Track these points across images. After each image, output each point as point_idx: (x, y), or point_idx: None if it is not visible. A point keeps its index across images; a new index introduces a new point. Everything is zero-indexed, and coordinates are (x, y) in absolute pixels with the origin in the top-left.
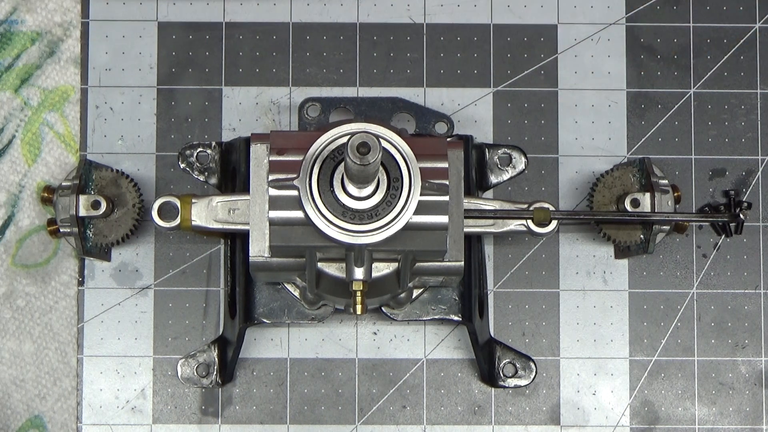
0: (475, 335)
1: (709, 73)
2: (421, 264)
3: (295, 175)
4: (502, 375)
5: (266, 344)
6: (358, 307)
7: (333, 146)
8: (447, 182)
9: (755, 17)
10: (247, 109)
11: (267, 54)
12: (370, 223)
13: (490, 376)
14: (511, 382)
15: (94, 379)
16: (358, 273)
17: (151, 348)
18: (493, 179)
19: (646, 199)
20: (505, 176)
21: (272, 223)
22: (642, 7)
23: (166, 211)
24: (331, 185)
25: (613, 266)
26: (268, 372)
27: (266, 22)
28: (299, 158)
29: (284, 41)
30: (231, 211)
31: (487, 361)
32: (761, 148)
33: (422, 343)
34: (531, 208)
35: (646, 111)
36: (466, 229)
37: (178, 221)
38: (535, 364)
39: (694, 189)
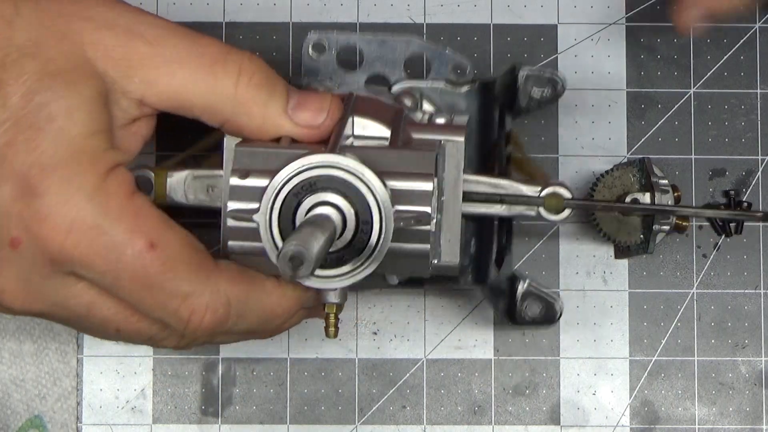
0: (489, 287)
1: (709, 73)
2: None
3: (256, 206)
4: (523, 314)
5: (266, 344)
6: (331, 330)
7: (298, 179)
8: (428, 210)
9: (756, 17)
10: None
11: (267, 54)
12: (336, 267)
13: (509, 313)
14: (533, 318)
15: (94, 379)
16: (332, 296)
17: (151, 348)
18: (524, 104)
19: (646, 199)
20: (540, 97)
21: (232, 251)
22: (642, 7)
23: (140, 185)
24: (294, 224)
25: (613, 266)
26: (268, 372)
27: (266, 22)
28: (264, 183)
29: (284, 41)
30: (210, 189)
31: (508, 296)
32: (761, 148)
33: (422, 343)
34: (543, 194)
35: (646, 111)
36: (469, 209)
37: (152, 197)
38: (560, 306)
39: (694, 189)
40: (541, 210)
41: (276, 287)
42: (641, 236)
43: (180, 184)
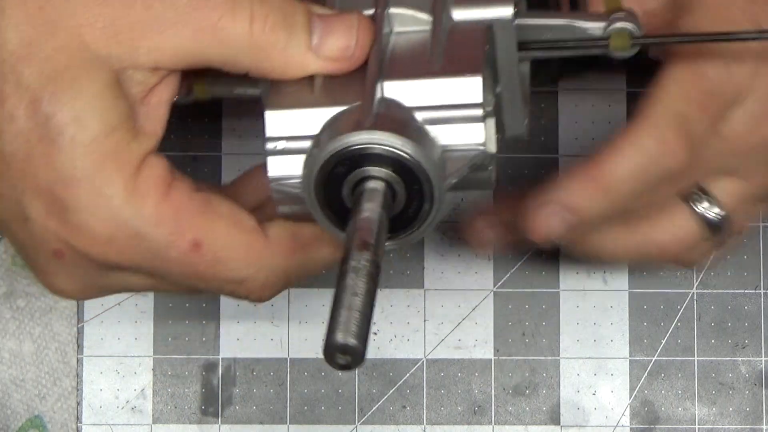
0: None
1: None
2: None
3: (299, 174)
4: None
5: (266, 344)
6: None
7: (336, 159)
8: (482, 147)
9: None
10: (246, 109)
11: None
12: (394, 238)
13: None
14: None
15: (94, 379)
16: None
17: (151, 348)
18: None
19: None
20: None
21: (283, 214)
22: None
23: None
24: (341, 197)
25: (613, 266)
26: (268, 372)
27: None
28: (302, 146)
29: None
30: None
31: None
32: None
33: (422, 343)
34: (608, 31)
35: None
36: (527, 57)
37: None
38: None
39: None
40: (609, 50)
41: (332, 243)
42: None
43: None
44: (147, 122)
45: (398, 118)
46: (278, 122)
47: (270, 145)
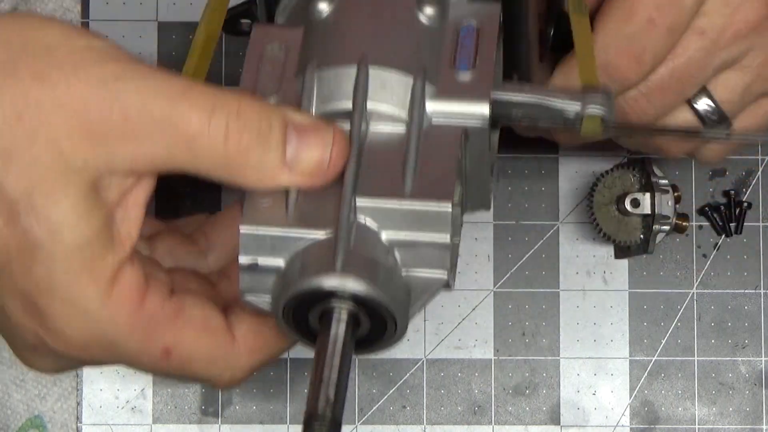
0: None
1: None
2: None
3: (268, 290)
4: None
5: None
6: None
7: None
8: (445, 276)
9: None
10: None
11: None
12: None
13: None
14: None
15: (94, 379)
16: None
17: None
18: None
19: (646, 199)
20: None
21: (250, 308)
22: None
23: None
24: (308, 321)
25: (613, 266)
26: (268, 372)
27: None
28: (274, 264)
29: None
30: None
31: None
32: (761, 148)
33: (422, 343)
34: (581, 113)
35: None
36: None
37: None
38: None
39: (694, 189)
40: (581, 132)
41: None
42: (641, 236)
43: None
44: (123, 225)
45: (367, 259)
46: (252, 241)
47: (243, 260)
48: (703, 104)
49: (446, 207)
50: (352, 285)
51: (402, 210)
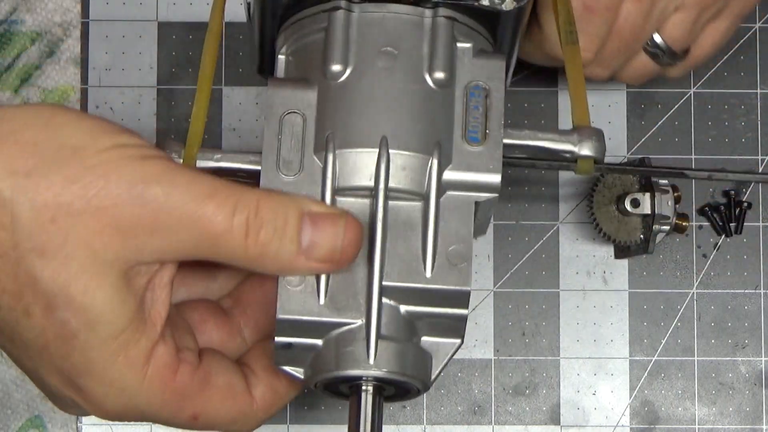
0: None
1: (709, 73)
2: None
3: (302, 368)
4: None
5: None
6: None
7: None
8: (459, 341)
9: (756, 17)
10: (247, 109)
11: None
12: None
13: None
14: None
15: None
16: None
17: None
18: None
19: (646, 199)
20: None
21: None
22: None
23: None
24: (338, 389)
25: (613, 266)
26: None
27: None
28: (307, 343)
29: None
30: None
31: None
32: (761, 148)
33: None
34: (576, 155)
35: (646, 111)
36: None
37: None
38: None
39: (694, 189)
40: (575, 171)
41: (302, 385)
42: (641, 236)
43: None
44: (153, 307)
45: (396, 348)
46: (288, 326)
47: (279, 340)
48: (654, 48)
49: (465, 289)
50: (384, 375)
51: (423, 290)
